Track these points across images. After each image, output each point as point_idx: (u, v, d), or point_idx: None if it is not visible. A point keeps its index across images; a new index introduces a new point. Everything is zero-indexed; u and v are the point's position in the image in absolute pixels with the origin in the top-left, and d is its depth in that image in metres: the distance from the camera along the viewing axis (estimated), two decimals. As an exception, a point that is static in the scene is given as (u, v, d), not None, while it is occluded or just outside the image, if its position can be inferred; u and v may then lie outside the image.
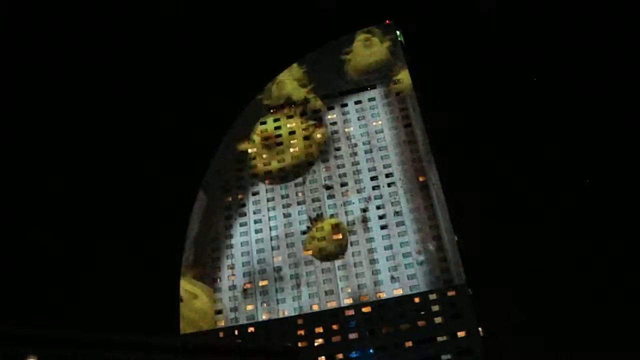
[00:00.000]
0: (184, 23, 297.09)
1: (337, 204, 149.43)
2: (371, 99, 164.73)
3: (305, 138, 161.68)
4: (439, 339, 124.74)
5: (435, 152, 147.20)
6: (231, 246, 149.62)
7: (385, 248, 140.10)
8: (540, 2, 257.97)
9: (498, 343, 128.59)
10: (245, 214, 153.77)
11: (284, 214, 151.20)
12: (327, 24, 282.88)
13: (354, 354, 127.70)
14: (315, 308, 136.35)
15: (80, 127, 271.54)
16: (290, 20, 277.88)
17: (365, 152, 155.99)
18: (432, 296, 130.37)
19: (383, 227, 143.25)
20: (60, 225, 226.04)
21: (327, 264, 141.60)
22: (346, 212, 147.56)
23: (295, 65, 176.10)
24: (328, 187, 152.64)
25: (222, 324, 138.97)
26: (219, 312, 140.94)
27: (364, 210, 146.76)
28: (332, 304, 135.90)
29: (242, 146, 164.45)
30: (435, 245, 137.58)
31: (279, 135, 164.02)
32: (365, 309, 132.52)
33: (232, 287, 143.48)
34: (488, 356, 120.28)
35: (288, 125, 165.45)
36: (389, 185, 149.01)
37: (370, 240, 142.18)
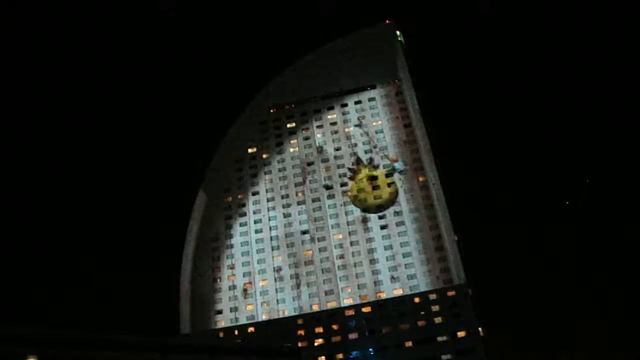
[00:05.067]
0: (184, 23, 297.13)
1: (337, 204, 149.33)
2: (371, 99, 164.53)
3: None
4: (439, 339, 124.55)
5: (435, 152, 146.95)
6: (231, 246, 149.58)
7: (385, 248, 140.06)
8: (540, 2, 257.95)
9: (498, 343, 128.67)
10: (245, 214, 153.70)
11: (284, 214, 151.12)
12: (327, 24, 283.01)
13: (354, 354, 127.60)
14: (315, 308, 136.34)
15: (80, 127, 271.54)
16: (291, 20, 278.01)
17: (365, 152, 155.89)
18: (432, 296, 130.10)
19: (383, 227, 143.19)
20: (59, 225, 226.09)
21: (327, 264, 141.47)
22: (346, 212, 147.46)
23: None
24: (328, 187, 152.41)
25: (222, 324, 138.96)
26: (219, 312, 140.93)
27: (364, 210, 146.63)
28: (332, 304, 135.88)
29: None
30: (435, 245, 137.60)
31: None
32: (365, 309, 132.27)
33: (232, 287, 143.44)
34: (488, 356, 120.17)
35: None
36: (388, 185, 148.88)
37: (370, 240, 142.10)
